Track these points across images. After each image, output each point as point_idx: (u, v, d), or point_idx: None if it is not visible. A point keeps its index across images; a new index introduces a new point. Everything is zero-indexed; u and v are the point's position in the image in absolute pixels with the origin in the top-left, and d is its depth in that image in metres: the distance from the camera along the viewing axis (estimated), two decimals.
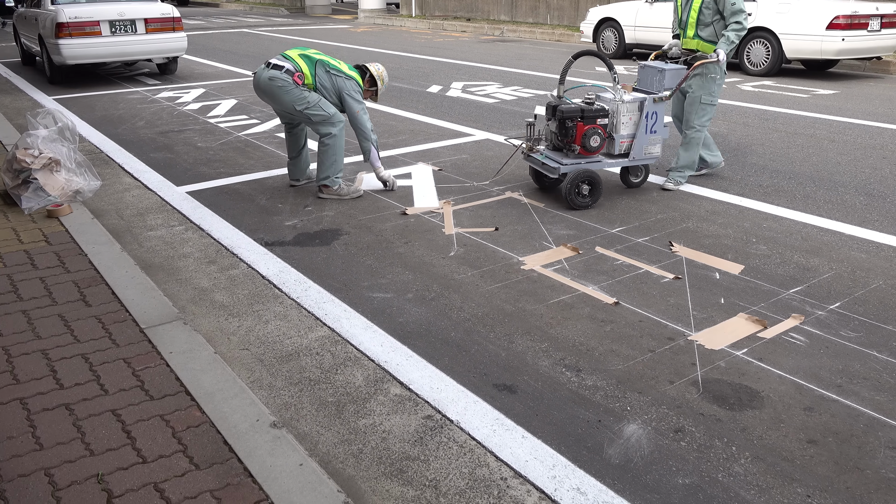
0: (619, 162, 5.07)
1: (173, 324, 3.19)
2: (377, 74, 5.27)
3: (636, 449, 2.49)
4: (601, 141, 4.86)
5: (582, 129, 4.82)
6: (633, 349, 3.13)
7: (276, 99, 4.98)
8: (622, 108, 4.94)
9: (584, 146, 4.84)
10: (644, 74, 5.29)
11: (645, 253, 4.16)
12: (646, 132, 5.02)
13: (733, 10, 5.01)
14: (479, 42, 16.75)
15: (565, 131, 4.85)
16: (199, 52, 14.26)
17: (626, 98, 4.97)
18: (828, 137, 7.02)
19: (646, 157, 5.13)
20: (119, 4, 10.12)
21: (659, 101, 5.01)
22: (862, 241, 4.33)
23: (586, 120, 4.85)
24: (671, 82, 5.12)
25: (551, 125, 5.01)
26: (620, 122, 4.95)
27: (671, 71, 5.12)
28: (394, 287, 3.75)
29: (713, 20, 5.16)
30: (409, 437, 2.54)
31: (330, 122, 4.98)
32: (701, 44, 5.26)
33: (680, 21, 5.39)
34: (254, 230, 4.56)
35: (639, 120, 5.00)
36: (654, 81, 5.18)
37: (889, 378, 2.89)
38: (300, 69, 4.93)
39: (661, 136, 5.12)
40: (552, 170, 4.88)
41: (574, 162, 4.86)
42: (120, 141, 6.90)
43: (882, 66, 11.63)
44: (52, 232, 4.29)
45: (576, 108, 4.85)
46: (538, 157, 5.04)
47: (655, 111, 5.01)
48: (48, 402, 2.60)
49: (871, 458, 2.44)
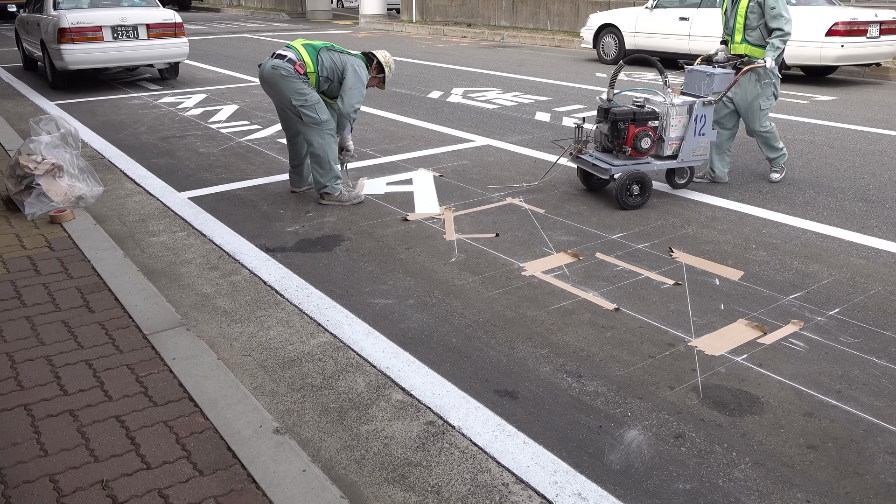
0: (668, 163, 5.22)
1: (176, 330, 3.20)
2: (384, 61, 5.24)
3: (637, 454, 2.51)
4: (651, 143, 5.03)
5: (633, 131, 4.98)
6: (633, 355, 3.15)
7: (278, 90, 4.95)
8: (672, 111, 5.09)
9: (635, 148, 5.00)
10: (692, 78, 5.43)
11: (645, 259, 4.18)
12: (694, 134, 5.18)
13: (773, 16, 5.19)
14: (479, 47, 16.79)
15: (617, 133, 5.01)
16: (200, 57, 14.30)
17: (676, 101, 5.12)
18: (827, 143, 7.04)
19: (693, 159, 5.28)
20: (121, 10, 10.17)
21: (708, 104, 5.17)
22: (861, 248, 4.35)
23: (637, 122, 5.00)
24: (720, 86, 5.27)
25: (602, 127, 5.16)
26: (670, 124, 5.11)
27: (720, 75, 5.26)
28: (395, 293, 3.77)
29: (759, 24, 5.32)
30: (411, 442, 2.56)
31: (319, 128, 4.96)
32: (749, 48, 5.42)
33: (727, 27, 5.57)
34: (256, 236, 4.58)
35: (688, 123, 5.16)
36: (702, 85, 5.31)
37: (888, 384, 2.91)
38: (301, 58, 4.92)
39: (708, 138, 5.27)
40: (603, 171, 5.05)
41: (625, 163, 5.02)
42: (122, 146, 6.93)
43: (881, 72, 11.67)
44: (55, 238, 4.31)
45: (628, 111, 5.00)
46: (588, 158, 5.20)
47: (704, 114, 5.17)
48: (52, 409, 2.62)
49: (871, 463, 2.45)
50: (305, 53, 4.96)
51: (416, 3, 23.70)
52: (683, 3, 12.24)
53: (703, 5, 11.81)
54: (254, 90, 10.37)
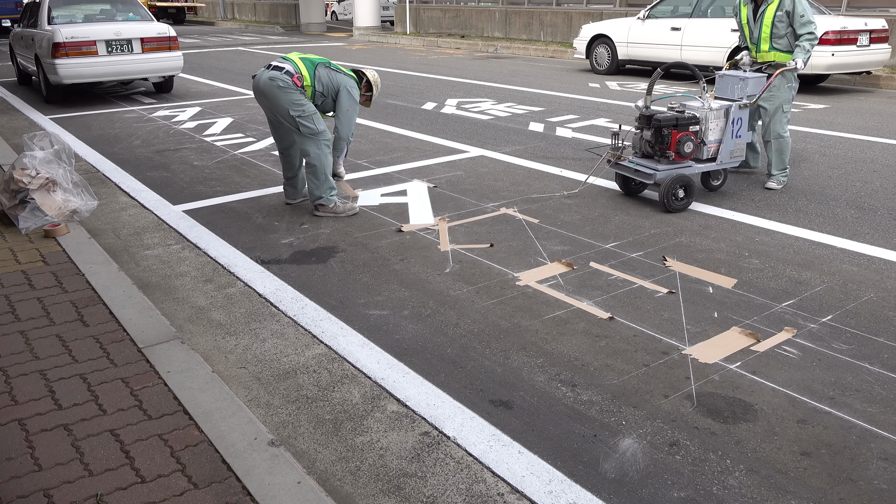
0: (708, 166, 5.39)
1: (171, 343, 3.21)
2: (373, 80, 5.43)
3: (631, 463, 2.51)
4: (694, 146, 5.17)
5: (676, 136, 5.11)
6: (627, 364, 3.15)
7: (274, 101, 4.93)
8: (710, 115, 5.25)
9: (678, 152, 5.13)
10: (723, 83, 5.57)
11: (639, 268, 4.20)
12: (732, 137, 5.36)
13: (803, 23, 5.44)
14: (473, 59, 16.87)
15: (661, 139, 5.13)
16: (195, 70, 14.34)
17: (713, 105, 5.28)
18: (819, 151, 7.09)
19: (731, 161, 5.47)
20: (115, 24, 10.20)
21: (744, 107, 5.35)
22: (853, 255, 4.38)
23: (680, 127, 5.14)
24: (754, 89, 5.47)
25: (645, 134, 5.26)
26: (709, 128, 5.27)
27: (754, 79, 5.46)
28: (390, 304, 3.78)
29: (787, 32, 5.54)
30: (406, 453, 2.56)
31: (316, 139, 4.97)
32: (778, 55, 5.64)
33: (751, 37, 5.76)
34: (250, 248, 4.59)
35: (725, 126, 5.34)
36: (735, 89, 5.47)
37: (881, 390, 2.92)
38: (299, 71, 4.96)
39: (745, 140, 5.47)
40: (647, 176, 5.19)
41: (669, 168, 5.16)
42: (116, 160, 6.94)
43: (872, 80, 11.76)
44: (50, 252, 4.31)
45: (671, 116, 5.12)
46: (629, 164, 5.32)
47: (740, 117, 5.37)
48: (47, 423, 2.61)
49: (864, 469, 2.46)
50: (303, 66, 4.99)
51: (409, 15, 23.82)
52: (675, 13, 12.33)
53: (694, 15, 11.91)
54: (248, 103, 10.40)
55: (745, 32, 5.82)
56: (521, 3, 20.42)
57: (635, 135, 5.40)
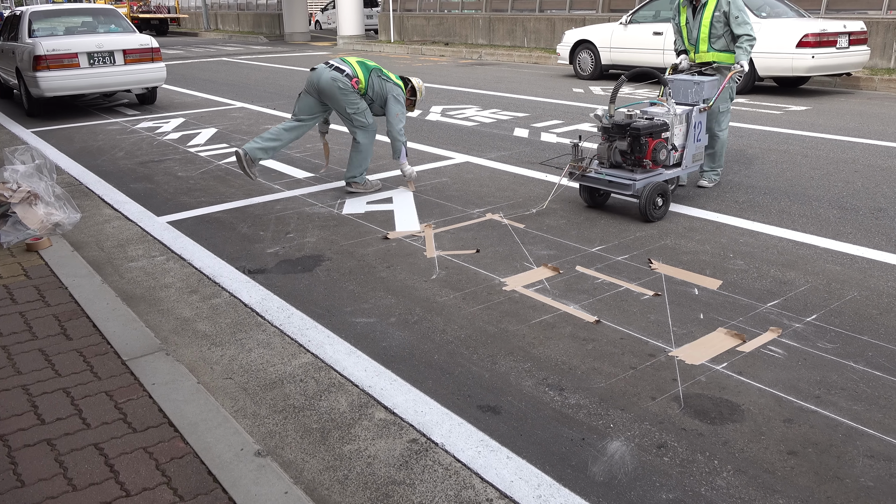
0: (675, 172, 5.33)
1: (155, 355, 3.18)
2: (418, 87, 6.02)
3: (620, 466, 2.51)
4: (667, 153, 5.13)
5: (652, 143, 5.04)
6: (614, 366, 3.16)
7: (332, 98, 5.61)
8: (675, 121, 5.22)
9: (655, 160, 5.06)
10: (676, 87, 5.56)
11: (624, 271, 4.21)
12: (694, 141, 5.36)
13: (739, 23, 5.50)
14: (457, 66, 16.92)
15: (640, 147, 5.02)
16: (178, 81, 14.29)
17: (678, 110, 5.24)
18: (801, 153, 7.15)
19: (694, 165, 5.48)
20: (97, 36, 10.16)
21: (703, 110, 5.35)
22: (836, 254, 4.41)
23: (654, 135, 5.08)
24: (710, 92, 5.48)
25: (618, 143, 5.12)
26: (674, 133, 5.23)
27: (709, 82, 5.47)
28: (376, 311, 3.77)
29: (724, 32, 5.60)
30: (394, 461, 2.54)
31: (367, 129, 5.77)
32: (717, 55, 5.70)
33: (689, 38, 5.81)
34: (235, 258, 4.57)
35: (687, 130, 5.31)
36: (689, 93, 5.48)
37: (866, 388, 2.94)
38: (357, 75, 5.59)
39: (703, 143, 5.48)
40: (624, 187, 5.04)
41: (647, 176, 5.06)
42: (99, 172, 6.89)
43: (852, 82, 11.89)
44: (32, 266, 4.26)
45: (647, 124, 5.05)
46: (599, 176, 5.17)
47: (700, 121, 5.36)
48: (29, 438, 2.58)
49: (851, 467, 2.47)
50: (360, 71, 5.63)
51: (393, 23, 23.87)
52: (657, 18, 12.43)
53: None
54: (232, 113, 10.38)
55: (683, 35, 5.87)
56: (504, 9, 20.52)
57: (602, 145, 5.24)
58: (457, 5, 22.58)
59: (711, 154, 5.88)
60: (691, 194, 5.74)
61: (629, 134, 5.04)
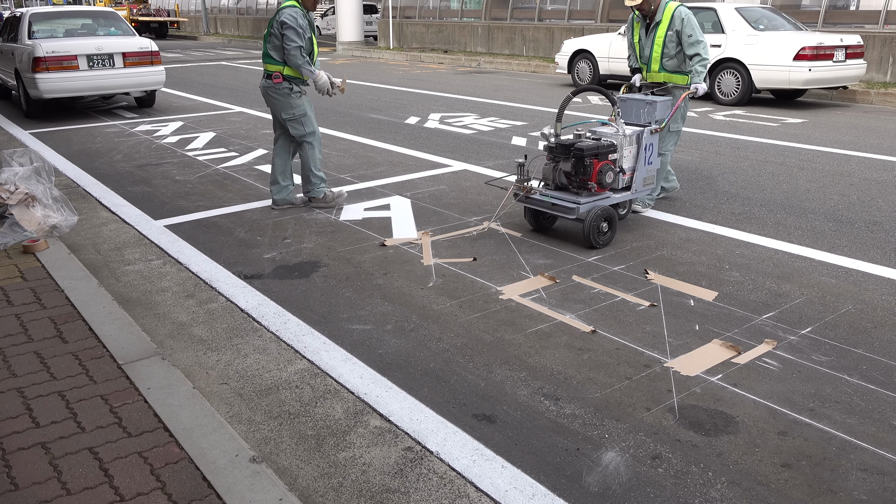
0: (624, 196, 5.06)
1: (151, 359, 3.17)
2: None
3: (614, 476, 2.51)
4: (614, 176, 4.87)
5: (598, 165, 4.77)
6: (610, 377, 3.17)
7: (270, 105, 5.56)
8: (625, 142, 4.97)
9: (600, 183, 4.78)
10: (628, 107, 5.29)
11: (621, 281, 4.22)
12: (644, 164, 5.09)
13: (691, 43, 5.22)
14: (456, 73, 16.97)
15: (584, 169, 4.75)
16: (177, 85, 14.30)
17: (627, 131, 4.98)
18: (797, 165, 7.19)
19: (645, 189, 5.20)
20: (97, 39, 10.17)
21: (655, 132, 5.11)
22: (831, 267, 4.43)
23: (600, 156, 4.81)
24: (662, 113, 5.22)
25: (562, 164, 4.86)
26: (623, 155, 4.98)
27: (662, 102, 5.22)
28: (373, 319, 3.77)
29: (676, 52, 5.36)
30: (389, 469, 2.54)
31: (304, 139, 5.54)
32: (668, 75, 5.46)
33: (641, 56, 5.55)
34: (232, 263, 4.57)
35: (637, 152, 5.06)
36: (641, 113, 5.21)
37: (860, 401, 2.95)
38: (276, 68, 5.38)
39: (655, 166, 5.21)
40: (568, 210, 4.75)
41: (592, 200, 4.78)
42: (97, 175, 6.89)
43: (848, 95, 11.96)
44: (28, 268, 4.26)
45: (593, 144, 4.78)
46: (544, 198, 4.89)
47: (651, 142, 5.10)
48: (24, 442, 2.58)
49: (844, 480, 2.48)
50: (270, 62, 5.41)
51: (393, 30, 23.93)
52: None
53: None
54: (231, 117, 10.38)
55: (636, 52, 5.62)
56: (503, 18, 20.59)
57: (547, 165, 4.96)
58: (456, 13, 22.66)
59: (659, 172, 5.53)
60: (688, 205, 5.76)
61: (573, 155, 4.75)
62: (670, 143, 5.55)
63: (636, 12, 5.43)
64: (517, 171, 5.01)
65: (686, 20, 5.22)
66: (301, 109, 5.50)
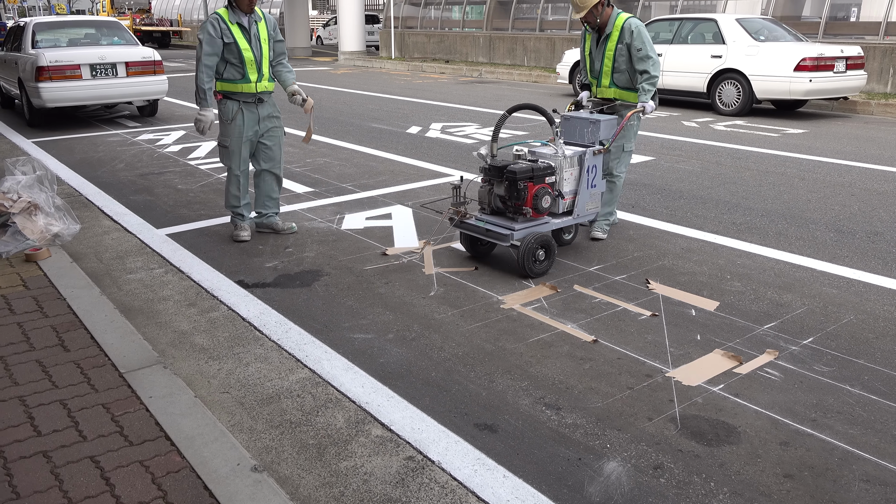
0: (565, 221, 4.71)
1: (153, 368, 3.18)
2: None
3: (616, 486, 2.51)
4: (552, 200, 4.52)
5: (533, 189, 4.42)
6: (611, 386, 3.16)
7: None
8: (565, 164, 4.61)
9: (536, 208, 4.44)
10: (571, 126, 4.93)
11: (622, 291, 4.22)
12: (587, 187, 4.73)
13: (640, 57, 4.85)
14: (457, 83, 17.02)
15: (517, 193, 4.39)
16: (179, 94, 14.35)
17: (567, 152, 4.63)
18: (798, 175, 7.20)
19: (588, 213, 4.84)
20: (100, 48, 10.22)
21: (598, 153, 4.74)
22: (833, 277, 4.43)
23: (536, 179, 4.45)
24: (606, 133, 4.84)
25: (497, 188, 4.54)
26: (563, 178, 4.62)
27: (605, 122, 4.82)
28: (374, 328, 3.77)
29: (626, 67, 4.98)
30: (390, 478, 2.54)
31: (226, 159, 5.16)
32: (618, 91, 5.10)
33: (592, 70, 5.20)
34: (234, 272, 4.57)
35: (579, 175, 4.70)
36: (585, 133, 4.84)
37: (862, 412, 2.95)
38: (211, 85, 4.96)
39: (599, 189, 4.86)
40: (503, 237, 4.41)
41: (527, 226, 4.46)
42: (99, 184, 6.91)
43: (849, 105, 11.99)
44: (31, 276, 4.27)
45: (527, 167, 4.41)
46: (479, 223, 4.56)
47: (595, 164, 4.74)
48: (25, 450, 2.57)
49: (847, 491, 2.48)
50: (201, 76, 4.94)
51: (394, 40, 24.03)
52: (656, 39, 12.52)
53: (674, 42, 12.10)
54: None
55: (586, 66, 5.23)
56: (504, 28, 20.68)
57: (482, 188, 4.64)
58: (458, 23, 22.76)
59: (609, 197, 5.18)
60: (689, 215, 5.76)
61: (506, 178, 4.41)
62: (624, 164, 5.18)
63: (586, 25, 5.09)
64: (452, 194, 4.70)
65: (636, 33, 4.85)
66: (226, 140, 5.05)
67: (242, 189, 5.18)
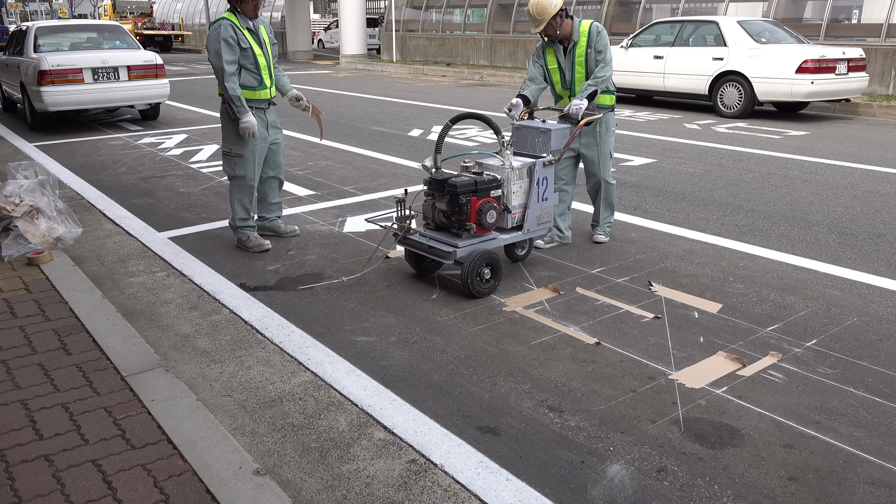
0: (514, 237, 4.43)
1: (155, 371, 3.17)
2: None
3: (619, 489, 2.50)
4: (497, 215, 4.25)
5: (476, 203, 4.17)
6: (614, 389, 3.15)
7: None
8: (512, 176, 4.35)
9: (480, 223, 4.19)
10: (522, 136, 4.66)
11: (625, 293, 4.21)
12: (538, 200, 4.45)
13: (598, 59, 4.74)
14: (459, 86, 17.03)
15: (460, 208, 4.13)
16: (181, 97, 14.37)
17: (515, 164, 4.38)
18: (800, 177, 7.19)
19: (539, 228, 4.53)
20: (102, 52, 10.23)
21: (549, 164, 4.47)
22: (836, 279, 4.42)
23: (480, 193, 4.19)
24: (558, 143, 4.56)
25: (439, 202, 4.29)
26: (511, 191, 4.36)
27: (557, 131, 4.53)
28: (377, 330, 3.77)
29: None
30: (393, 481, 2.53)
31: (233, 181, 4.99)
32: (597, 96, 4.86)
33: (562, 83, 4.94)
34: (236, 275, 4.57)
35: (529, 187, 4.43)
36: (536, 143, 4.56)
37: (866, 414, 2.94)
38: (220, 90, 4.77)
39: (551, 202, 4.56)
40: (446, 255, 4.13)
41: (471, 242, 4.20)
42: (101, 187, 6.91)
43: (851, 107, 11.98)
44: (33, 280, 4.27)
45: (469, 180, 4.16)
46: (422, 240, 4.29)
47: (546, 176, 4.47)
48: (27, 454, 2.57)
49: (851, 493, 2.46)
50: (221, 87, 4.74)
51: (396, 43, 24.06)
52: (657, 42, 12.54)
53: (676, 44, 12.11)
54: None
55: (554, 80, 4.97)
56: (506, 31, 20.69)
57: (426, 202, 4.39)
58: (459, 27, 22.79)
59: (607, 203, 5.09)
60: (691, 217, 5.76)
61: (447, 192, 4.16)
62: (610, 167, 5.04)
63: (545, 39, 4.90)
64: (396, 208, 4.43)
65: (601, 34, 4.73)
66: (242, 149, 4.85)
67: (254, 201, 5.10)
